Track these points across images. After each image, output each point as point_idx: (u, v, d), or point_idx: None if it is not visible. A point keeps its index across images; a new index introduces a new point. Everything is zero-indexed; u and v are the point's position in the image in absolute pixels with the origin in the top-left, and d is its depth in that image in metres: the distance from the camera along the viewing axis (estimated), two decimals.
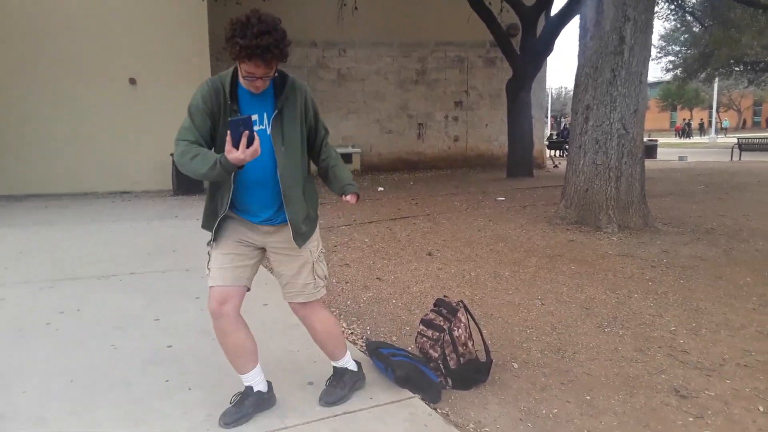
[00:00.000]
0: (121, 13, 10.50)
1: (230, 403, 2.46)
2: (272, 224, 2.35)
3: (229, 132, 1.99)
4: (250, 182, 2.27)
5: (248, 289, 2.44)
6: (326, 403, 2.55)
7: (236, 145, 1.99)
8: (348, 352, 2.69)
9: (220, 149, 2.15)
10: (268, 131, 2.26)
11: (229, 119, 2.02)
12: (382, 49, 15.02)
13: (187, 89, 10.24)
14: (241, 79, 2.19)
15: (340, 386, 2.61)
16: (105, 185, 10.65)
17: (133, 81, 10.71)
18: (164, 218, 7.76)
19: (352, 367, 2.68)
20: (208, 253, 2.41)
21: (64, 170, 10.43)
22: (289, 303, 2.52)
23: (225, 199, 2.29)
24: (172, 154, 10.19)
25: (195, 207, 8.78)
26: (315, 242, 2.48)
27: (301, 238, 2.37)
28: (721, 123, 45.38)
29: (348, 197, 2.42)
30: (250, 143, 2.00)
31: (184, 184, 10.28)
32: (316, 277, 2.46)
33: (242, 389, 2.48)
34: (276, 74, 2.20)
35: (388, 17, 14.51)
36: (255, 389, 2.47)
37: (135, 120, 10.70)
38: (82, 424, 2.43)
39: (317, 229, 2.50)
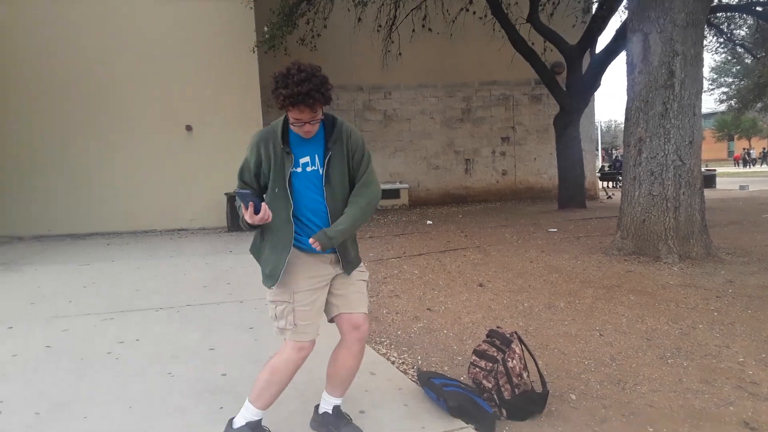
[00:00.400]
0: (179, 65, 11.09)
1: None
2: (331, 253, 2.41)
3: (242, 203, 2.26)
4: (306, 219, 2.38)
5: None
6: None
7: (246, 207, 2.23)
8: None
9: (270, 191, 2.36)
10: (321, 171, 2.35)
11: (236, 191, 2.30)
12: (427, 91, 15.24)
13: (239, 134, 10.74)
14: (293, 129, 2.30)
15: (350, 419, 2.59)
16: (163, 223, 11.07)
17: (189, 128, 11.23)
18: (219, 253, 7.97)
19: None
20: (291, 304, 2.35)
21: (125, 210, 10.92)
22: (352, 318, 2.45)
23: (285, 243, 2.35)
24: (227, 193, 10.64)
25: (248, 242, 8.95)
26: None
27: (350, 266, 2.46)
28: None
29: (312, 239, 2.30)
30: (256, 212, 2.22)
31: (237, 221, 10.54)
32: (366, 292, 2.55)
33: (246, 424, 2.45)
34: (324, 118, 2.33)
35: (432, 60, 14.77)
36: (263, 422, 2.49)
37: (191, 163, 11.17)
38: None
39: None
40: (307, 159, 2.34)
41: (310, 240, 2.29)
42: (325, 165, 2.34)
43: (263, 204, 2.25)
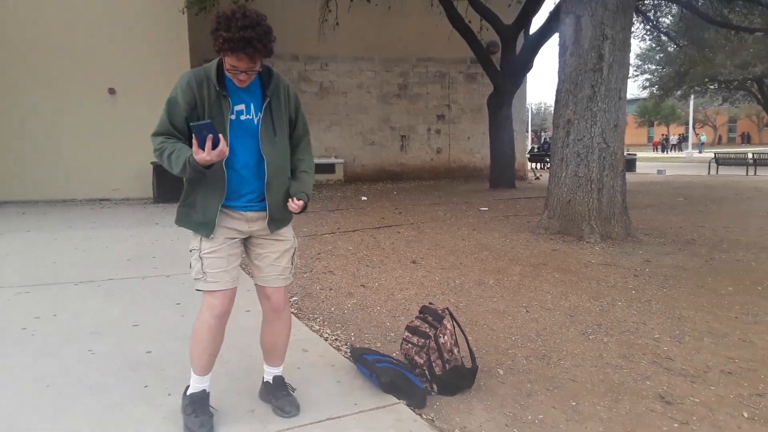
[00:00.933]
0: (102, 24, 10.42)
1: (185, 413, 2.36)
2: (255, 210, 2.33)
3: (193, 135, 2.03)
4: (239, 167, 2.26)
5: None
6: (297, 409, 2.46)
7: (202, 147, 2.03)
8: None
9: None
10: (256, 121, 2.26)
11: (191, 124, 2.07)
12: (364, 64, 15.09)
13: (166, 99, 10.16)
14: (228, 75, 2.18)
15: (290, 391, 2.55)
16: (84, 192, 10.48)
17: (112, 91, 10.62)
18: (144, 225, 7.64)
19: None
20: (197, 254, 2.30)
21: (42, 177, 10.24)
22: (264, 290, 2.44)
23: (218, 191, 2.23)
24: (153, 162, 10.18)
25: (174, 214, 8.64)
26: (293, 233, 2.50)
27: (275, 224, 2.37)
28: (698, 138, 46.42)
29: (295, 202, 2.30)
30: (215, 146, 2.03)
31: (164, 192, 10.15)
32: (293, 263, 2.47)
33: (187, 400, 2.40)
34: (261, 69, 2.22)
35: (370, 33, 14.60)
36: (207, 391, 2.42)
37: (114, 129, 10.57)
38: (57, 430, 2.35)
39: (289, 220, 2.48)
40: (242, 107, 2.24)
41: (294, 202, 2.26)
42: (261, 114, 2.26)
43: (220, 136, 2.04)
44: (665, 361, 3.11)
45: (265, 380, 2.59)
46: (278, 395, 2.51)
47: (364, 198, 10.86)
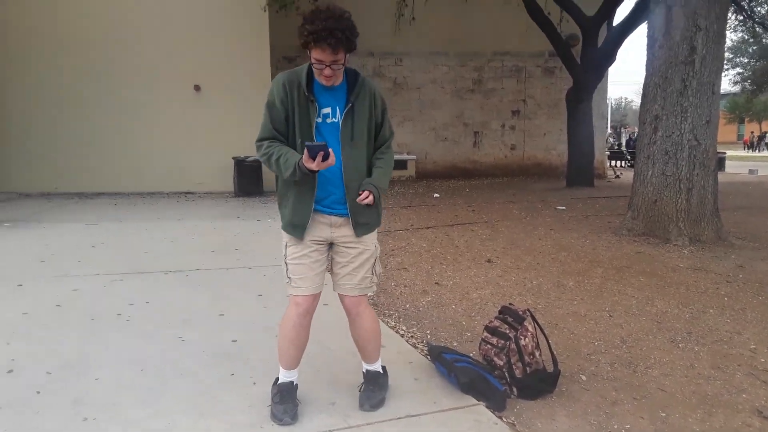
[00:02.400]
0: (188, 25, 10.89)
1: (273, 401, 2.45)
2: (340, 215, 2.38)
3: (306, 150, 2.13)
4: (320, 173, 2.31)
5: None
6: (371, 407, 2.50)
7: (312, 158, 2.13)
8: (380, 358, 2.67)
9: (292, 140, 2.31)
10: (339, 124, 2.31)
11: (306, 144, 2.14)
12: (439, 59, 14.98)
13: (249, 96, 10.59)
14: (315, 74, 2.24)
15: (379, 389, 2.59)
16: (170, 186, 11.03)
17: (197, 88, 11.08)
18: (227, 218, 7.96)
19: (381, 370, 2.67)
20: (283, 259, 2.42)
21: (132, 171, 10.87)
22: (341, 297, 2.52)
23: (309, 192, 2.31)
24: (234, 158, 10.57)
25: (256, 208, 8.97)
26: (376, 241, 2.52)
27: (360, 228, 2.41)
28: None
29: (362, 193, 2.30)
30: (324, 159, 2.14)
31: (244, 187, 10.54)
32: (374, 272, 2.50)
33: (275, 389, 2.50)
34: (346, 67, 2.28)
35: (445, 28, 14.46)
36: (295, 383, 2.51)
37: (199, 124, 11.06)
38: (152, 411, 2.49)
39: (376, 229, 2.52)
40: (328, 110, 2.31)
41: (363, 195, 2.28)
42: (343, 117, 2.31)
43: (330, 150, 2.16)
44: (762, 373, 2.92)
45: (362, 371, 2.67)
46: (364, 389, 2.58)
47: (436, 195, 10.82)
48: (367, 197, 2.30)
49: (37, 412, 2.48)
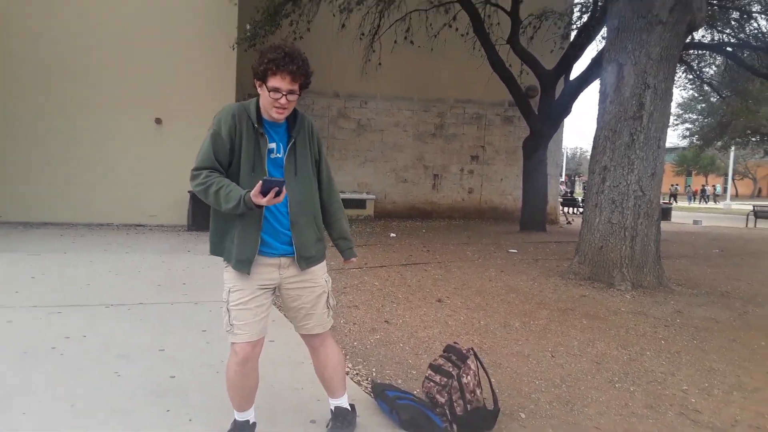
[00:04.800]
0: (153, 55, 10.85)
1: None
2: (287, 255, 2.36)
3: (260, 183, 2.09)
4: (266, 208, 2.29)
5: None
6: None
7: (263, 194, 2.10)
8: (346, 392, 2.66)
9: (235, 172, 2.28)
10: (283, 159, 2.34)
11: (264, 179, 2.11)
12: (402, 104, 15.36)
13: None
14: (263, 110, 2.30)
15: (346, 426, 2.57)
16: (121, 218, 10.76)
17: (158, 120, 10.97)
18: (176, 252, 7.81)
19: (348, 407, 2.66)
20: (225, 306, 2.35)
21: (81, 200, 10.57)
22: (303, 336, 2.53)
23: (255, 225, 2.28)
24: (190, 191, 10.43)
25: (206, 242, 8.80)
26: (326, 274, 2.54)
27: (305, 261, 2.38)
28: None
29: (349, 262, 2.71)
30: (277, 195, 2.13)
31: (198, 220, 10.38)
32: (329, 306, 2.52)
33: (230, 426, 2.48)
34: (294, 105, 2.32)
35: (410, 74, 14.90)
36: (251, 422, 2.49)
37: (157, 158, 10.89)
38: None
39: (324, 261, 2.53)
40: (273, 145, 2.33)
41: (348, 262, 2.70)
42: (286, 153, 2.33)
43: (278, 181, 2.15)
44: (692, 413, 3.01)
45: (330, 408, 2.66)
46: (332, 426, 2.59)
47: (393, 234, 10.89)
48: (351, 261, 2.68)
49: None
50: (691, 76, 17.53)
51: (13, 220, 10.18)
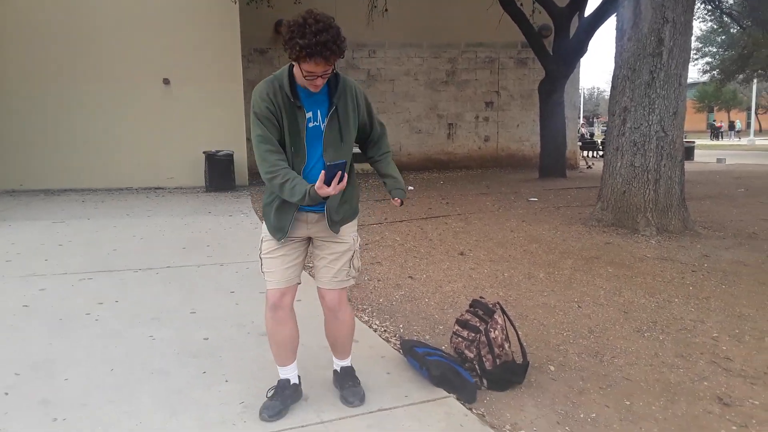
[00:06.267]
0: (155, 17, 10.70)
1: (267, 396, 2.48)
2: (315, 211, 2.38)
3: (324, 172, 2.10)
4: (308, 171, 2.32)
5: (299, 282, 2.50)
6: (360, 401, 2.54)
7: (328, 183, 2.10)
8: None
9: (282, 144, 2.27)
10: (323, 127, 2.30)
11: (328, 164, 2.13)
12: (412, 51, 15.00)
13: (219, 89, 10.46)
14: (298, 79, 2.22)
15: (357, 383, 2.63)
16: (139, 181, 10.86)
17: (166, 81, 10.90)
18: (198, 214, 7.87)
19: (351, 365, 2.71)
20: (258, 254, 2.46)
21: (101, 166, 10.67)
22: (320, 291, 2.53)
23: (291, 209, 2.34)
24: (205, 152, 10.44)
25: (227, 203, 8.89)
26: (356, 235, 2.54)
27: (335, 225, 2.41)
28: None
29: (395, 201, 2.57)
30: (341, 180, 2.14)
31: (216, 181, 10.43)
32: (351, 266, 2.51)
33: (275, 384, 2.52)
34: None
35: (418, 19, 14.48)
36: (291, 382, 2.52)
37: (168, 119, 10.90)
38: (122, 411, 2.47)
39: (355, 220, 2.55)
40: (310, 114, 2.29)
41: (395, 201, 2.54)
42: (327, 120, 2.29)
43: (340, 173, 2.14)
44: (724, 361, 3.02)
45: (333, 369, 2.69)
46: (344, 385, 2.60)
47: (410, 188, 10.85)
48: (399, 203, 2.55)
49: (5, 413, 2.44)
50: (710, 7, 16.82)
51: (34, 188, 10.32)
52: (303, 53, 2.05)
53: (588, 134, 24.10)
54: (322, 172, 2.11)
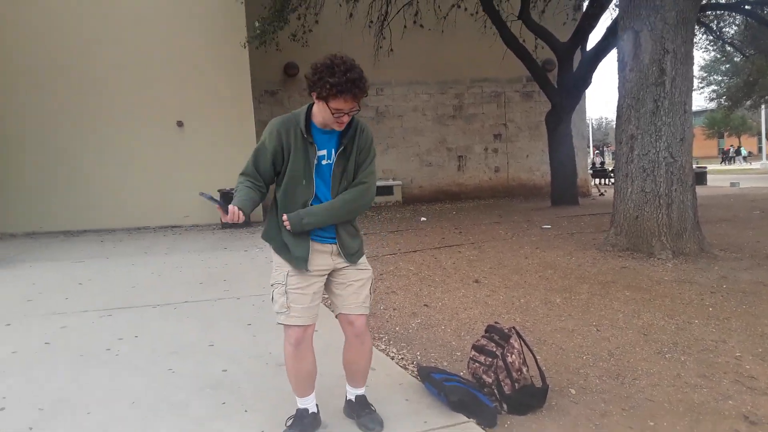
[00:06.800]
0: (169, 61, 11.04)
1: (286, 425, 2.48)
2: (332, 243, 2.44)
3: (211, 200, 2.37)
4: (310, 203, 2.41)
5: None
6: (381, 427, 2.53)
7: (225, 211, 2.30)
8: None
9: (282, 180, 2.40)
10: (332, 164, 2.39)
11: (200, 193, 2.50)
12: (419, 88, 15.28)
13: (232, 129, 10.66)
14: (316, 118, 2.33)
15: (373, 411, 2.61)
16: (156, 220, 11.02)
17: (180, 123, 11.18)
18: (214, 250, 7.95)
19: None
20: (282, 288, 2.39)
21: (118, 207, 10.86)
22: (346, 318, 2.51)
23: (305, 238, 2.40)
24: (219, 190, 10.60)
25: (243, 239, 8.98)
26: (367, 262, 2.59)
27: (354, 256, 2.49)
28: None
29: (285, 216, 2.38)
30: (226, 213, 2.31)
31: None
32: (371, 292, 2.57)
33: (293, 413, 2.53)
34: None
35: (423, 57, 14.80)
36: (310, 411, 2.52)
37: (183, 159, 11.12)
38: None
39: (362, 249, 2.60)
40: (323, 152, 2.37)
41: (284, 216, 2.37)
42: (335, 158, 2.37)
43: (230, 206, 2.30)
44: (748, 380, 2.97)
45: (347, 399, 2.68)
46: (361, 413, 2.59)
47: (423, 219, 10.89)
48: (285, 220, 2.36)
49: None
50: (711, 37, 17.00)
51: (53, 230, 10.50)
52: (333, 90, 2.16)
53: (599, 163, 24.13)
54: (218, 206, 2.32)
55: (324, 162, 2.38)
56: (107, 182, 10.85)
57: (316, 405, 2.57)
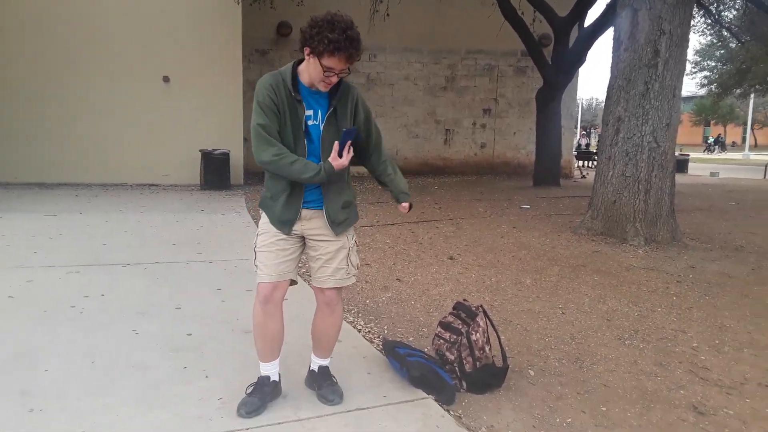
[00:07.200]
0: (159, 14, 10.71)
1: (246, 393, 2.49)
2: (311, 208, 2.41)
3: (337, 143, 2.24)
4: None
5: (294, 283, 2.51)
6: (341, 398, 2.56)
7: (340, 154, 2.20)
8: None
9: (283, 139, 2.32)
10: (321, 127, 2.34)
11: (344, 129, 2.23)
12: (412, 56, 15.06)
13: (219, 88, 10.46)
14: (303, 76, 2.28)
15: (335, 382, 2.63)
16: (135, 177, 10.85)
17: (166, 79, 10.90)
18: (190, 211, 7.88)
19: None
20: (254, 248, 2.46)
21: (96, 161, 10.65)
22: (315, 290, 2.55)
23: (298, 192, 2.38)
24: (201, 150, 10.45)
25: (221, 202, 8.90)
26: (351, 232, 2.56)
27: (338, 226, 2.45)
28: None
29: (402, 206, 2.64)
30: (348, 151, 2.25)
31: (211, 180, 10.44)
32: (349, 263, 2.52)
33: (255, 380, 2.53)
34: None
35: (420, 24, 14.55)
36: (271, 379, 2.52)
37: (167, 116, 10.90)
38: (100, 404, 2.48)
39: (353, 221, 2.57)
40: (310, 112, 2.32)
41: (402, 206, 2.61)
42: (325, 121, 2.33)
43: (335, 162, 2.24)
44: (702, 370, 3.04)
45: (311, 369, 2.69)
46: (322, 384, 2.60)
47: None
48: (407, 208, 2.61)
49: None
50: (709, 21, 16.90)
51: (28, 181, 10.30)
52: (331, 47, 2.11)
53: (584, 145, 24.20)
54: (336, 142, 2.20)
55: (310, 122, 2.33)
56: (86, 135, 10.60)
57: (279, 374, 2.57)
